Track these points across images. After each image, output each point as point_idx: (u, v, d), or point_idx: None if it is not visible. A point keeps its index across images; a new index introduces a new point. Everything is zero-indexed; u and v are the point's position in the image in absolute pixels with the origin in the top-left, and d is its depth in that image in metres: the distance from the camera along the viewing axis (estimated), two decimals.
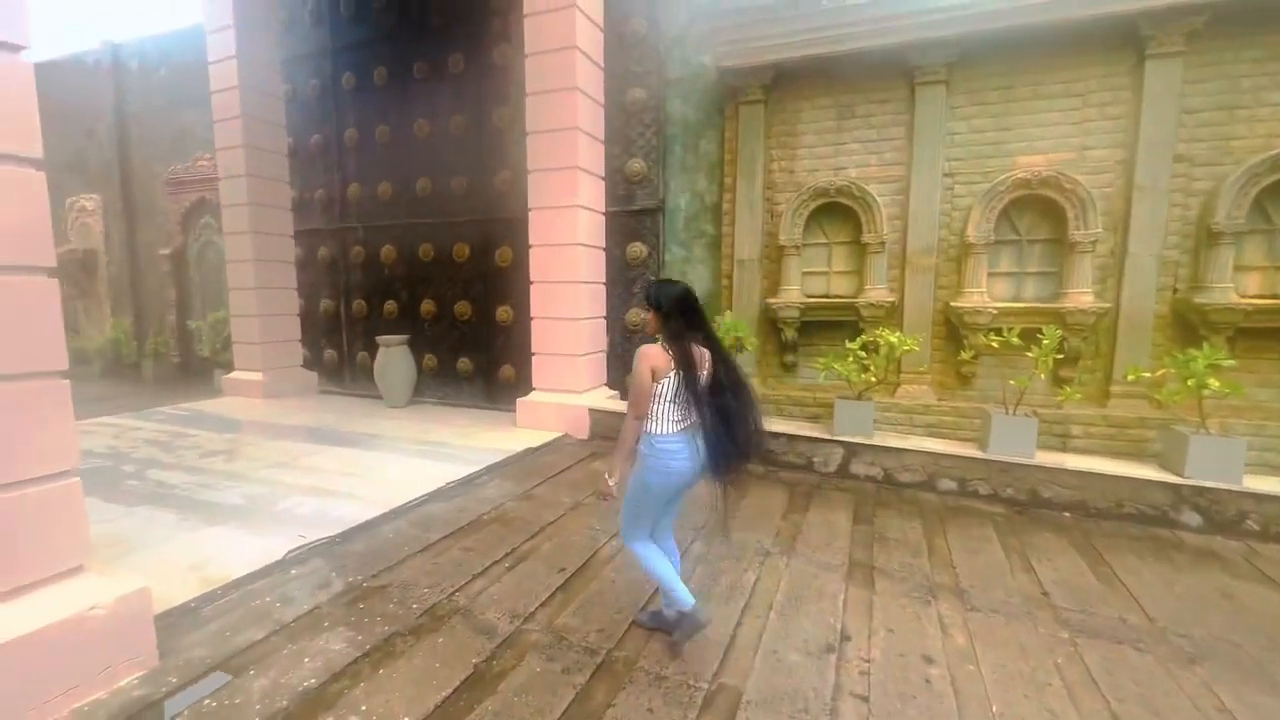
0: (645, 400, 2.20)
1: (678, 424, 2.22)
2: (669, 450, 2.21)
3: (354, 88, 7.52)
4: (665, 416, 2.22)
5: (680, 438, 2.22)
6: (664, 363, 2.17)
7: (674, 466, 2.22)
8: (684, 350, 2.16)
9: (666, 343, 2.20)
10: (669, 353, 2.17)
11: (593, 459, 4.83)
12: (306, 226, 8.03)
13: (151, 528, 3.31)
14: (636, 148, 6.10)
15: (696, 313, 2.24)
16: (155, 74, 9.48)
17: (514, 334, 6.79)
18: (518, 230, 6.45)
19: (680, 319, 2.20)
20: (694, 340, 2.20)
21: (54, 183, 9.10)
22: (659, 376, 2.17)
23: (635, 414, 2.23)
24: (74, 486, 1.97)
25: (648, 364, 2.17)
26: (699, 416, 2.17)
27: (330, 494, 3.86)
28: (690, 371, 2.14)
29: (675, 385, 2.17)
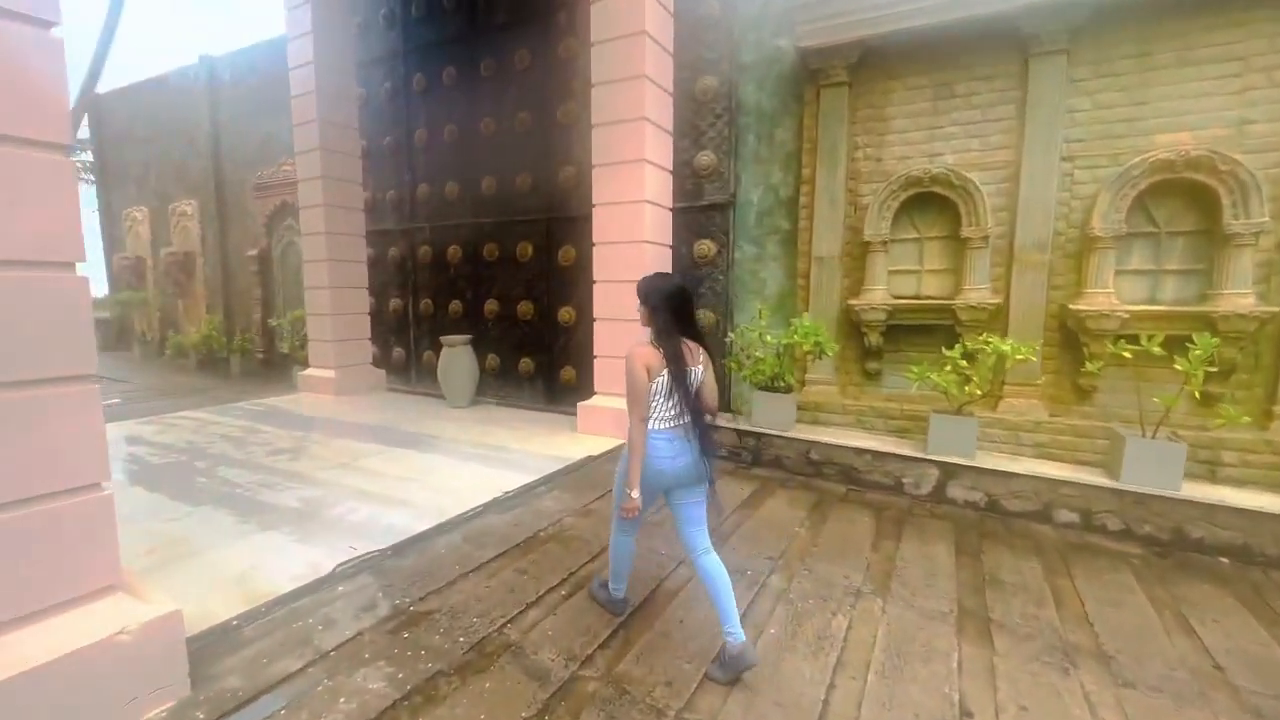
0: (644, 401, 2.16)
1: (669, 421, 2.20)
2: (654, 446, 2.19)
3: (424, 89, 7.56)
4: (657, 413, 2.20)
5: (667, 434, 2.19)
6: (656, 360, 2.15)
7: (654, 464, 2.20)
8: (674, 346, 2.14)
9: (656, 339, 2.18)
10: (659, 350, 2.15)
11: None
12: (378, 227, 8.17)
13: (209, 530, 3.27)
14: (706, 139, 5.74)
15: (686, 309, 2.22)
16: (245, 84, 9.95)
17: (576, 335, 6.58)
18: (581, 228, 6.24)
19: (669, 314, 2.17)
20: (684, 337, 2.20)
21: (160, 190, 9.75)
22: (654, 375, 2.15)
23: (639, 416, 2.18)
24: (104, 501, 1.84)
25: (641, 363, 2.14)
26: (689, 414, 2.17)
27: (385, 500, 3.74)
28: (680, 367, 2.12)
29: (668, 382, 2.15)
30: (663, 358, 2.14)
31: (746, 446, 4.69)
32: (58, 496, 1.75)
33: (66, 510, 1.77)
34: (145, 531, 3.24)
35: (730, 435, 4.77)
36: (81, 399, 1.79)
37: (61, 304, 1.74)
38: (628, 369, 2.15)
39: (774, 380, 4.58)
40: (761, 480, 4.34)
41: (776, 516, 3.71)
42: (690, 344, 2.23)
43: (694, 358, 2.22)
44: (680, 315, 2.20)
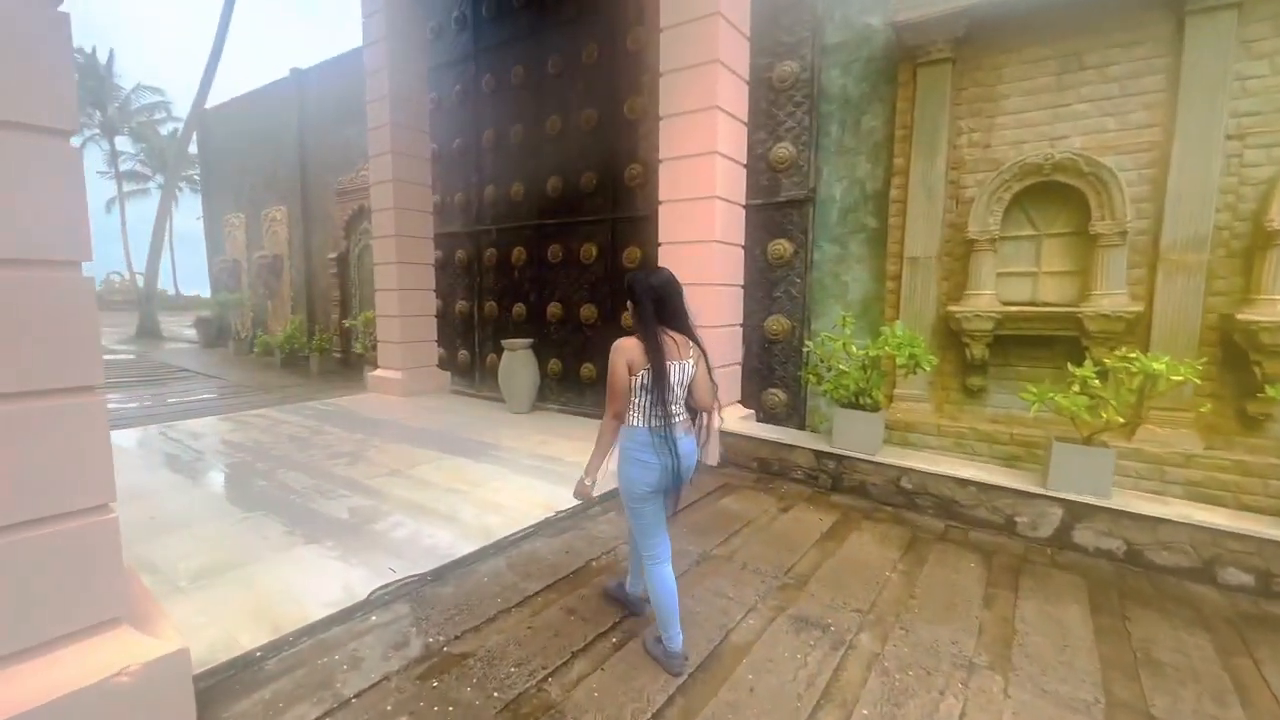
0: (622, 396, 2.14)
1: (649, 417, 2.13)
2: (638, 443, 2.15)
3: (493, 89, 7.49)
4: (639, 409, 2.15)
5: (645, 430, 2.14)
6: (639, 355, 2.09)
7: (636, 458, 2.16)
8: (654, 340, 2.08)
9: (637, 332, 2.12)
10: (642, 343, 2.09)
11: (724, 493, 4.10)
12: (446, 229, 8.20)
13: (255, 539, 3.17)
14: (784, 130, 5.27)
15: (672, 302, 2.17)
16: (329, 93, 10.34)
17: None
18: (647, 229, 5.92)
19: (651, 307, 2.12)
20: (669, 331, 2.14)
21: (254, 197, 10.30)
22: (635, 369, 2.10)
23: (612, 411, 2.17)
24: (108, 526, 1.66)
25: (623, 358, 2.11)
26: (664, 410, 2.09)
27: (432, 515, 3.54)
28: (659, 362, 2.06)
29: (648, 378, 2.09)
30: (643, 351, 2.08)
31: (825, 469, 4.19)
32: (57, 520, 1.58)
33: (67, 535, 1.60)
34: (194, 537, 3.18)
35: (806, 455, 4.28)
36: (86, 412, 1.62)
37: (64, 308, 1.57)
38: (610, 360, 2.13)
39: (858, 396, 4.06)
40: (843, 510, 3.83)
41: (863, 556, 3.21)
42: (677, 337, 2.16)
43: (682, 352, 2.16)
44: (665, 308, 2.15)
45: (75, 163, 1.58)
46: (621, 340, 2.13)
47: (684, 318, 2.20)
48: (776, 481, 4.32)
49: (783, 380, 5.45)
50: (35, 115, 1.50)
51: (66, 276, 1.57)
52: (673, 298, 2.18)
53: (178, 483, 4.10)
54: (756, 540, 3.34)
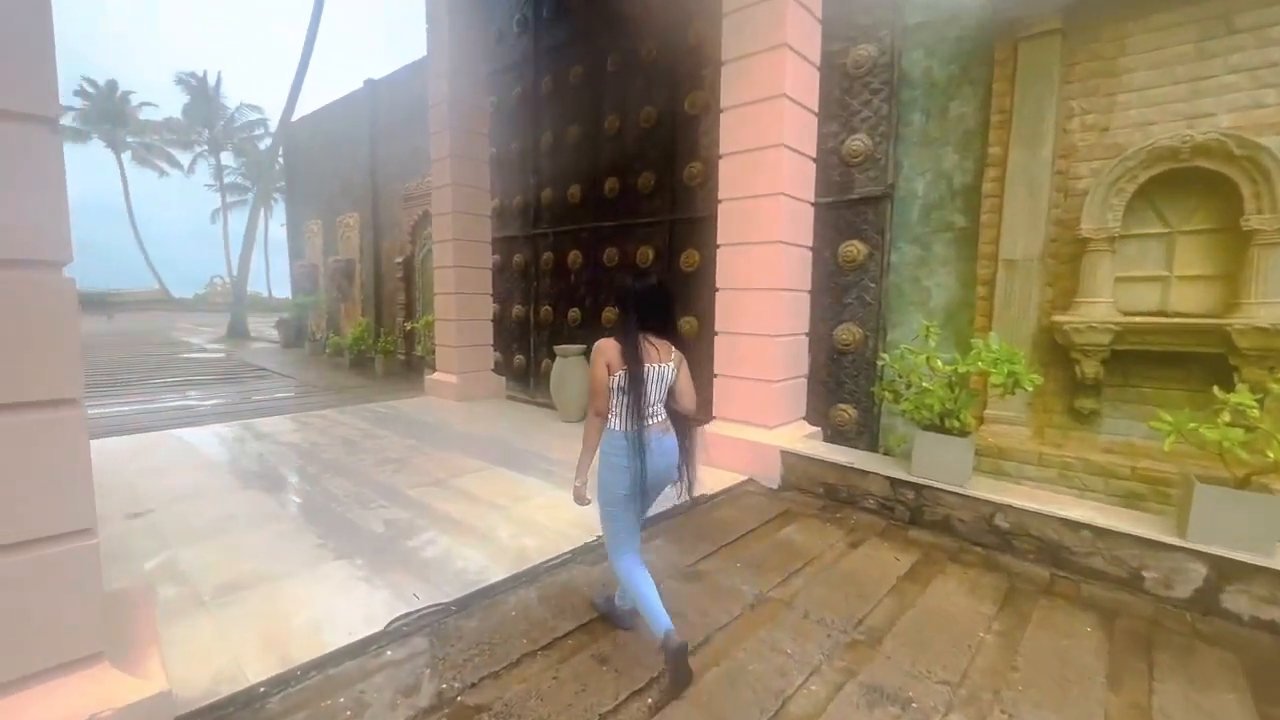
0: (603, 395, 2.16)
1: (623, 420, 2.16)
2: (615, 447, 2.17)
3: (551, 91, 7.37)
4: (617, 411, 2.17)
5: (621, 432, 2.16)
6: (616, 356, 2.13)
7: (611, 461, 2.18)
8: (632, 344, 2.12)
9: (619, 336, 2.16)
10: (620, 347, 2.13)
11: (785, 522, 3.68)
12: (505, 233, 8.15)
13: (286, 551, 3.06)
14: (859, 120, 4.79)
15: (658, 308, 2.21)
16: (399, 101, 10.61)
17: (697, 349, 5.89)
18: (707, 230, 5.56)
19: (634, 312, 2.17)
20: (651, 336, 2.19)
21: (331, 204, 10.70)
22: (614, 369, 2.14)
23: (594, 410, 2.20)
24: (87, 554, 1.49)
25: (602, 358, 2.15)
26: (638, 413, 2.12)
27: (467, 533, 3.33)
28: (636, 367, 2.10)
29: (624, 380, 2.12)
30: (620, 354, 2.12)
31: (902, 500, 3.69)
32: (28, 547, 1.43)
33: (40, 564, 1.44)
34: (230, 546, 3.10)
35: (880, 483, 3.80)
36: (63, 428, 1.46)
37: (42, 313, 1.41)
38: (591, 360, 2.18)
39: (944, 418, 3.55)
40: (923, 549, 3.34)
41: (950, 608, 2.73)
42: (657, 342, 2.20)
43: (662, 355, 2.20)
44: (649, 314, 2.19)
45: (55, 153, 1.42)
46: (601, 341, 2.19)
47: (670, 324, 2.27)
48: (845, 510, 3.86)
49: (853, 396, 4.95)
50: (13, 100, 1.35)
51: (43, 278, 1.42)
52: (657, 304, 2.21)
53: (228, 485, 4.12)
54: (822, 581, 2.93)
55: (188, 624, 2.35)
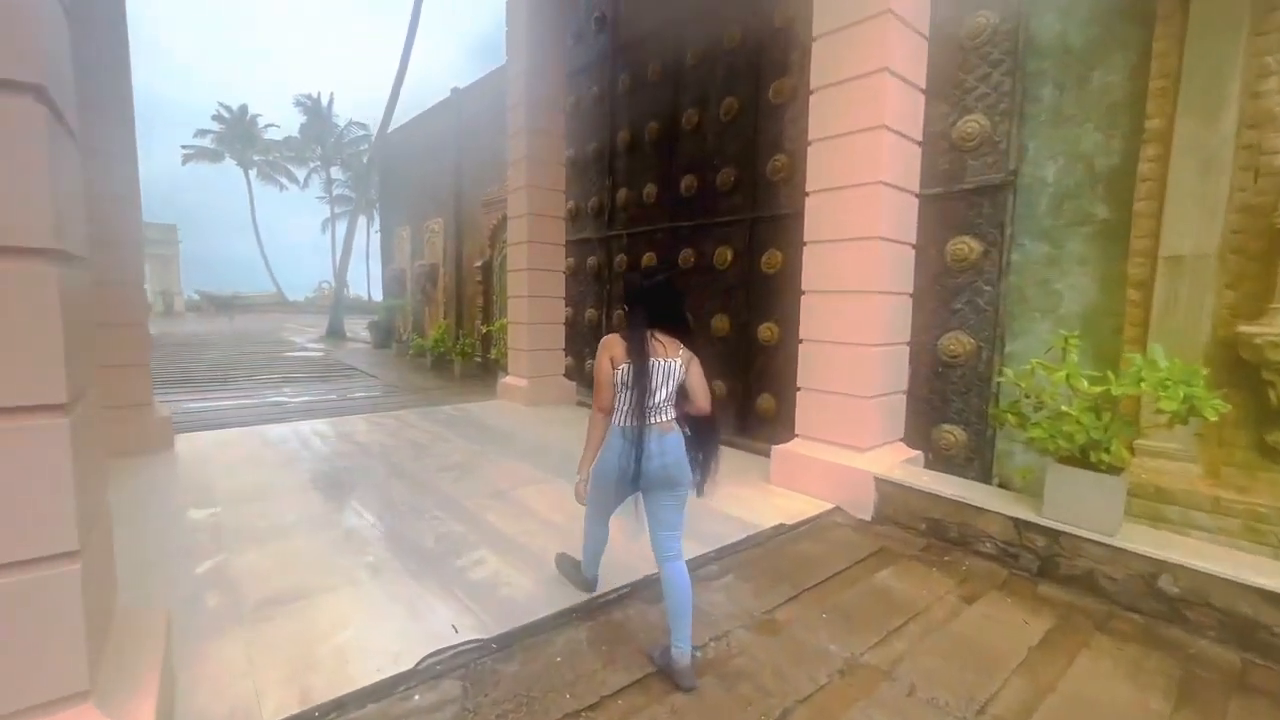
0: (607, 390, 2.16)
1: (626, 416, 2.15)
2: (611, 443, 2.19)
3: (628, 88, 7.13)
4: (620, 407, 2.17)
5: (619, 430, 2.16)
6: (621, 351, 2.13)
7: (607, 457, 2.20)
8: (639, 340, 2.11)
9: (626, 331, 2.16)
10: (626, 342, 2.12)
11: (880, 563, 3.15)
12: (579, 236, 8.00)
13: (334, 564, 2.91)
14: (974, 99, 4.16)
15: (664, 305, 2.20)
16: (482, 108, 10.80)
17: (778, 357, 5.42)
18: (791, 228, 5.09)
19: (641, 308, 2.18)
20: (659, 332, 2.16)
21: (418, 210, 11.05)
22: (617, 364, 2.13)
23: (598, 405, 2.21)
24: (67, 581, 1.31)
25: (607, 352, 2.15)
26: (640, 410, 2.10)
27: (520, 553, 3.07)
28: (641, 362, 2.08)
29: (628, 375, 2.11)
30: (625, 349, 2.11)
31: (1030, 547, 3.06)
32: None
33: (10, 593, 1.26)
34: (279, 554, 3.00)
35: (1001, 524, 3.17)
36: (41, 437, 1.28)
37: (18, 306, 1.23)
38: (597, 355, 2.18)
39: (1087, 450, 2.89)
40: (1060, 611, 2.71)
41: (1106, 698, 2.13)
42: (664, 338, 2.17)
43: (669, 351, 2.17)
44: (658, 310, 2.18)
45: (38, 123, 1.25)
46: (607, 336, 2.19)
47: (680, 321, 2.23)
48: (955, 553, 3.26)
49: (961, 416, 4.30)
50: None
51: (12, 267, 1.24)
52: (666, 301, 2.21)
53: (294, 485, 4.11)
54: (931, 646, 2.40)
55: (220, 644, 2.22)
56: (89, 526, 1.46)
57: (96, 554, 1.57)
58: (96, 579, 1.57)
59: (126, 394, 4.97)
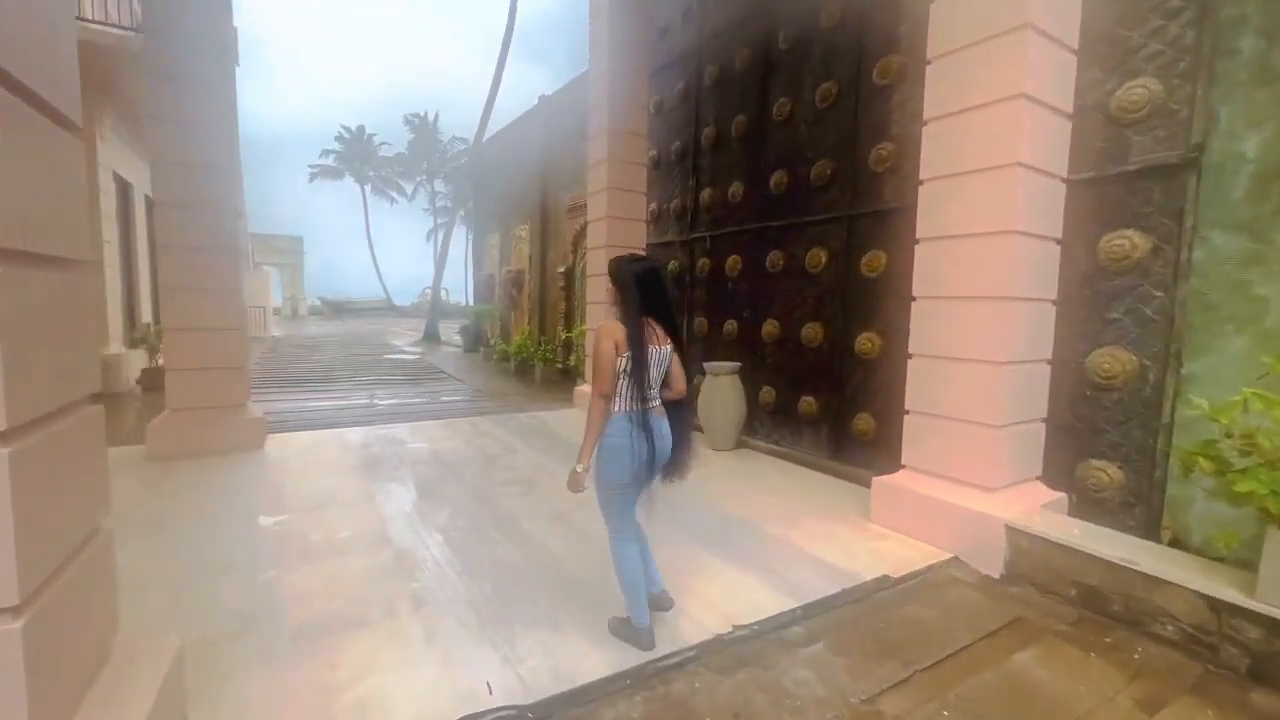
0: (608, 376, 2.15)
1: (628, 402, 2.18)
2: (619, 429, 2.17)
3: (715, 81, 6.69)
4: (620, 395, 2.18)
5: (624, 416, 2.17)
6: (623, 338, 2.14)
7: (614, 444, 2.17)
8: (637, 328, 2.14)
9: (621, 319, 2.17)
10: (626, 330, 2.14)
11: (1017, 639, 2.50)
12: (661, 239, 7.64)
13: (375, 594, 2.71)
14: (1141, 59, 3.36)
15: (656, 291, 2.22)
16: (568, 114, 10.76)
17: (879, 372, 4.76)
18: (898, 225, 4.46)
19: (637, 296, 2.17)
20: (651, 321, 2.20)
21: (506, 218, 11.19)
22: (620, 350, 2.14)
23: (599, 391, 2.18)
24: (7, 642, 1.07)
25: (610, 338, 2.14)
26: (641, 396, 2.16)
27: (575, 594, 2.73)
28: (641, 351, 2.13)
29: (629, 362, 2.14)
30: (625, 338, 2.12)
31: (1236, 637, 2.29)
32: None
33: None
34: (328, 575, 2.85)
35: (1189, 602, 2.42)
36: None
37: None
38: (596, 341, 2.15)
39: None
40: None
41: None
42: (656, 326, 2.22)
43: (660, 339, 2.22)
44: (649, 297, 2.19)
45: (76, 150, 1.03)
46: (607, 323, 2.17)
47: (668, 308, 2.25)
48: (1120, 634, 2.54)
49: (1117, 450, 3.48)
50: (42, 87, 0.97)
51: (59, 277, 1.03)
52: (658, 287, 2.22)
53: (361, 495, 4.04)
54: None
55: (242, 682, 2.03)
56: (47, 571, 1.25)
57: (71, 595, 1.37)
58: (69, 624, 1.37)
59: (223, 395, 5.19)
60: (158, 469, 4.52)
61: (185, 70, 4.83)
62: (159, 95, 4.75)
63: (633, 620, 2.28)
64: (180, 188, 4.84)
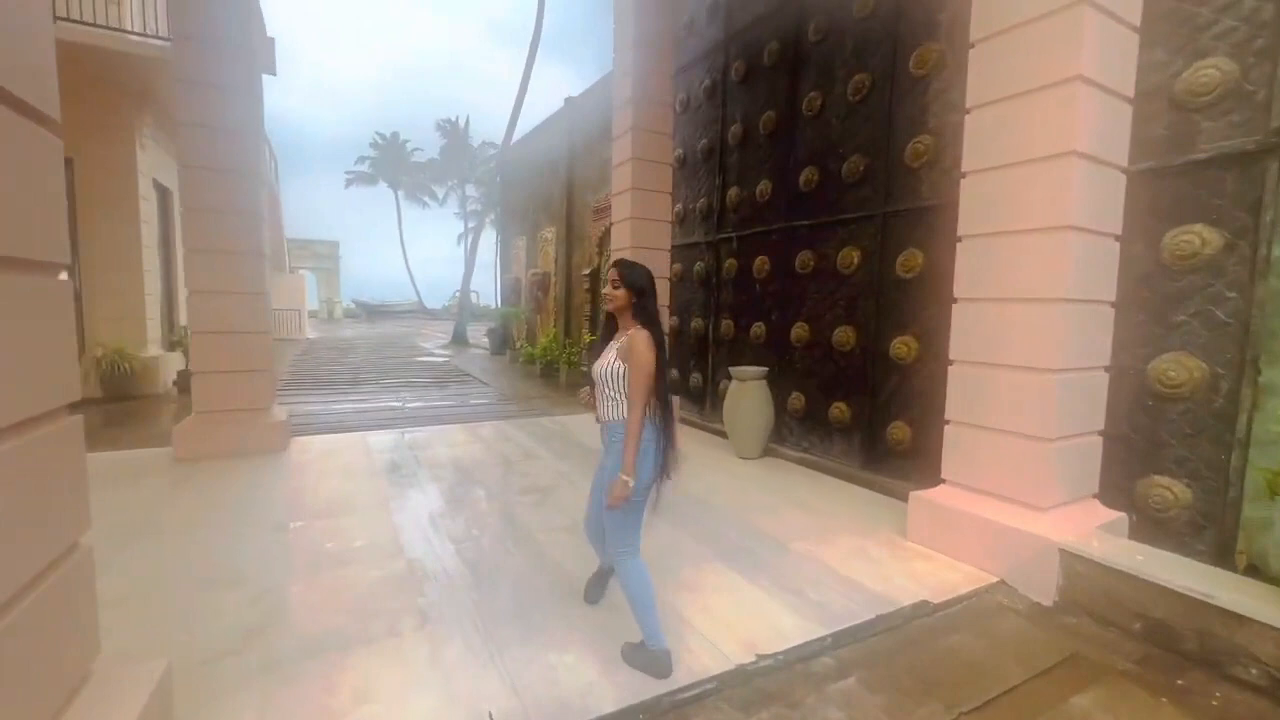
0: (651, 386, 2.11)
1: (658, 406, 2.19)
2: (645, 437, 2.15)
3: (742, 76, 6.50)
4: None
5: (649, 420, 2.16)
6: (659, 344, 2.15)
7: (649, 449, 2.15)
8: (662, 333, 2.19)
9: (645, 326, 2.16)
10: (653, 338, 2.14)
11: (1073, 678, 2.25)
12: (686, 240, 7.47)
13: (379, 609, 2.60)
14: (1210, 38, 3.07)
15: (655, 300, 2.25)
16: (594, 116, 10.68)
17: (915, 378, 4.50)
18: (937, 223, 4.21)
19: (654, 300, 2.19)
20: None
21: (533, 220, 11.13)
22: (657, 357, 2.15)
23: (645, 402, 2.10)
24: None
25: (652, 348, 2.10)
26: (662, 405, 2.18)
27: (586, 617, 2.56)
28: (664, 354, 2.16)
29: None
30: (660, 344, 2.15)
31: None
32: None
33: None
34: (332, 587, 2.76)
35: (1272, 641, 2.14)
36: None
37: None
38: (642, 350, 2.08)
39: None
40: None
41: None
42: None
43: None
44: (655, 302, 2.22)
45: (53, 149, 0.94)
46: (638, 332, 2.13)
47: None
48: (1195, 676, 2.26)
49: (1184, 466, 3.17)
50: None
51: None
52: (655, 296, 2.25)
53: (376, 502, 3.97)
54: None
55: (235, 704, 1.94)
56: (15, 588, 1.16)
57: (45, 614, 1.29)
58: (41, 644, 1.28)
59: (248, 398, 5.21)
60: (183, 471, 4.55)
61: (212, 76, 4.87)
62: (187, 101, 4.80)
63: (648, 643, 2.13)
64: (207, 192, 4.88)
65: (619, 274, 2.19)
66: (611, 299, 2.21)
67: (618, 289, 2.19)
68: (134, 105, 8.11)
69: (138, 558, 3.01)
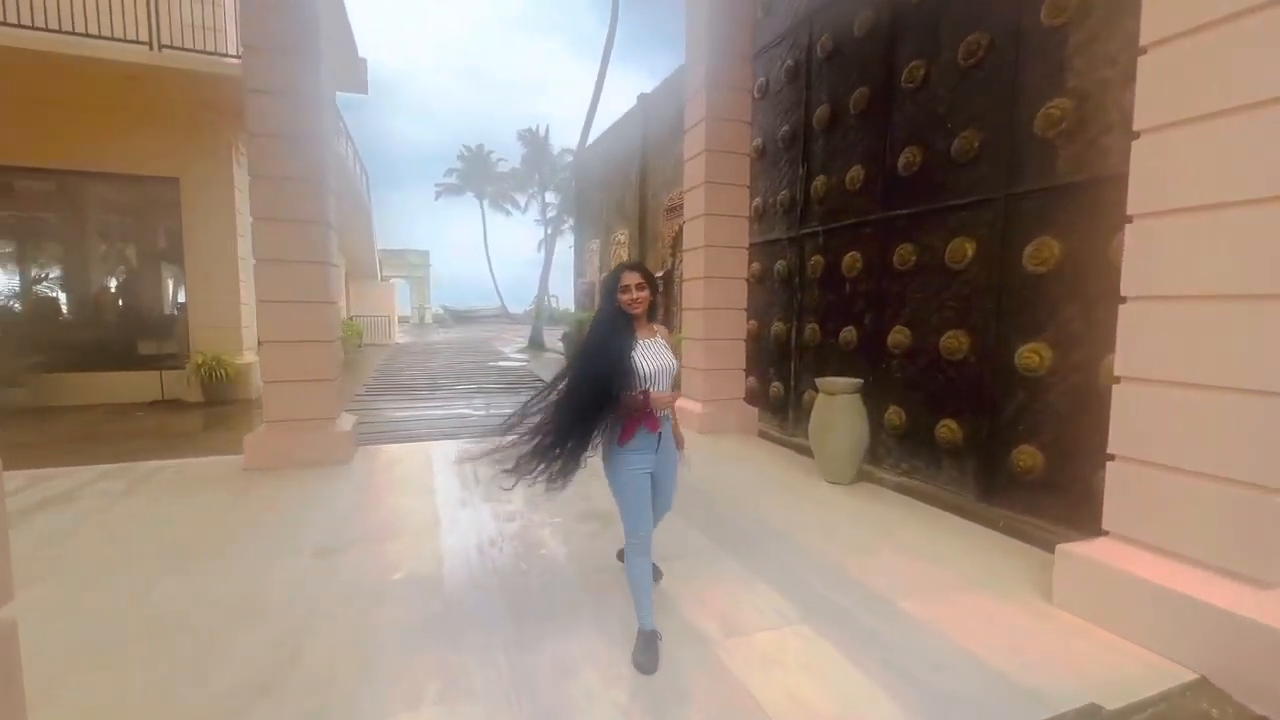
0: None
1: None
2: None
3: (829, 53, 5.82)
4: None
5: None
6: None
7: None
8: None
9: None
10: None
11: None
12: (766, 237, 6.84)
13: (403, 670, 2.26)
14: None
15: None
16: (667, 111, 10.25)
17: (1049, 393, 3.68)
18: (1076, 204, 3.43)
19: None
20: None
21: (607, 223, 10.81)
22: None
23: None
24: None
25: None
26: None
27: (645, 685, 2.09)
28: None
29: None
30: None
31: None
32: None
33: None
34: (356, 640, 2.45)
35: None
36: None
37: None
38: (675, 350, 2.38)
39: None
40: None
41: None
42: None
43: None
44: None
45: None
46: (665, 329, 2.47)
47: None
48: None
49: None
50: None
51: None
52: None
53: (425, 526, 3.72)
54: None
55: None
56: None
57: None
58: None
59: (314, 408, 5.17)
60: (245, 483, 4.53)
61: (281, 86, 4.87)
62: (256, 111, 4.82)
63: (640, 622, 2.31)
64: (275, 203, 4.88)
65: (644, 277, 2.33)
66: (641, 301, 2.33)
67: (642, 290, 2.32)
68: (230, 124, 8.55)
69: (174, 585, 2.86)
